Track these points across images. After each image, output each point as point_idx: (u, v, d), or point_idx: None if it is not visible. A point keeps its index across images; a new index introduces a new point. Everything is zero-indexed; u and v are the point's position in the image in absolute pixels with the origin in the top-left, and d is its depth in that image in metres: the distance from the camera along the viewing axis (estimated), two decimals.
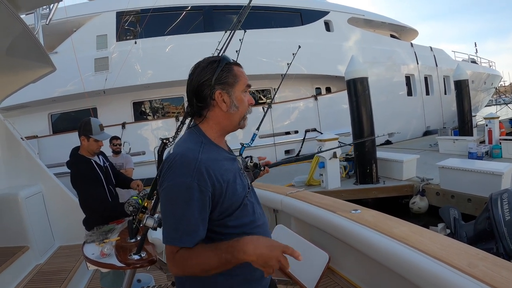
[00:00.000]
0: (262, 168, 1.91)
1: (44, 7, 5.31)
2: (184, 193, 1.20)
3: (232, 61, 1.41)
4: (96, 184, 2.99)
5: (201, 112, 1.38)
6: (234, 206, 1.32)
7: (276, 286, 1.69)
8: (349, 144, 8.34)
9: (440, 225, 5.68)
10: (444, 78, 18.84)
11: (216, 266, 1.16)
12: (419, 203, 7.52)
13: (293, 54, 6.31)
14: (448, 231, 5.13)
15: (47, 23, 5.36)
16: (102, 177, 3.08)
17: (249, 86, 1.43)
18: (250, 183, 1.51)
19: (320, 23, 14.86)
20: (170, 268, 1.24)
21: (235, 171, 1.38)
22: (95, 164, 3.08)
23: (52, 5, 5.33)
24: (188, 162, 1.23)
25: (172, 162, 1.25)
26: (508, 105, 21.29)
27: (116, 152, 5.74)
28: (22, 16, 3.95)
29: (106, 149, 4.44)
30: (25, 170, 4.88)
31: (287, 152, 13.27)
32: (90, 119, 3.14)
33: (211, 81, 1.35)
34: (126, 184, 3.44)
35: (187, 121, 2.60)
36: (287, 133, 13.60)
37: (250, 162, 1.91)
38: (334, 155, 8.00)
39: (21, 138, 5.05)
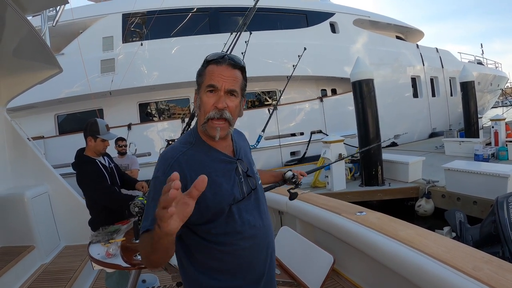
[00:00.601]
0: (300, 186, 1.96)
1: (50, 9, 5.35)
2: (155, 187, 1.25)
3: (214, 57, 1.34)
4: (102, 180, 3.00)
5: None
6: (215, 210, 1.29)
7: None
8: (360, 151, 8.30)
9: (446, 229, 5.65)
10: (450, 80, 18.75)
11: (151, 245, 1.03)
12: (424, 205, 7.47)
13: (298, 55, 6.34)
14: (454, 234, 5.10)
15: (53, 25, 5.40)
16: (108, 177, 3.09)
17: (211, 86, 1.30)
18: (251, 191, 1.44)
19: (325, 24, 14.82)
20: None
21: (223, 174, 1.36)
22: (100, 165, 3.10)
23: (58, 7, 5.36)
24: (166, 160, 1.30)
25: (158, 159, 1.34)
26: None
27: (122, 153, 5.76)
28: (29, 18, 3.99)
29: (112, 150, 4.46)
30: (31, 170, 4.91)
31: (292, 154, 13.24)
32: (96, 119, 3.16)
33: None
34: (131, 185, 3.45)
35: (192, 122, 2.61)
36: (293, 134, 13.56)
37: (292, 178, 1.97)
38: (340, 157, 7.98)
39: (28, 139, 5.08)
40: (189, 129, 1.50)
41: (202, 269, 1.34)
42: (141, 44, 12.09)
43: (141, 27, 12.75)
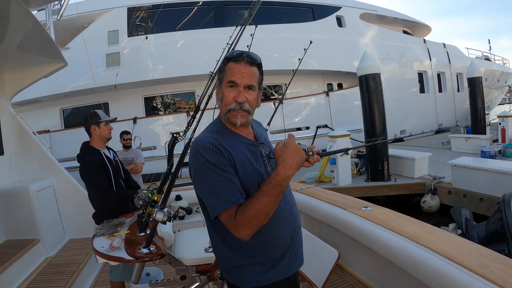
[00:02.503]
0: (311, 153, 1.92)
1: (55, 3, 5.35)
2: (212, 169, 1.38)
3: (233, 55, 1.49)
4: (101, 174, 2.99)
5: None
6: (245, 188, 1.42)
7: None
8: (368, 145, 8.24)
9: (451, 225, 5.62)
10: (457, 75, 18.61)
11: (271, 202, 1.29)
12: (430, 201, 7.44)
13: (304, 49, 6.26)
14: (460, 231, 5.07)
15: (58, 19, 5.38)
16: (110, 169, 3.09)
17: (231, 82, 1.45)
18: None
19: (332, 18, 14.72)
20: (238, 233, 1.34)
21: (251, 156, 1.52)
22: (104, 156, 3.11)
23: (63, 1, 5.36)
24: (202, 146, 1.43)
25: (192, 150, 1.47)
26: None
27: (127, 147, 5.77)
28: (34, 12, 3.98)
29: (117, 144, 4.45)
30: (36, 164, 4.93)
31: None
32: (92, 110, 3.22)
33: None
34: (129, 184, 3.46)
35: (198, 115, 2.60)
36: (298, 129, 13.52)
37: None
38: (346, 152, 7.94)
39: (33, 133, 5.09)
40: (213, 120, 1.63)
41: (234, 246, 1.49)
42: (146, 38, 12.09)
43: (146, 21, 12.74)
